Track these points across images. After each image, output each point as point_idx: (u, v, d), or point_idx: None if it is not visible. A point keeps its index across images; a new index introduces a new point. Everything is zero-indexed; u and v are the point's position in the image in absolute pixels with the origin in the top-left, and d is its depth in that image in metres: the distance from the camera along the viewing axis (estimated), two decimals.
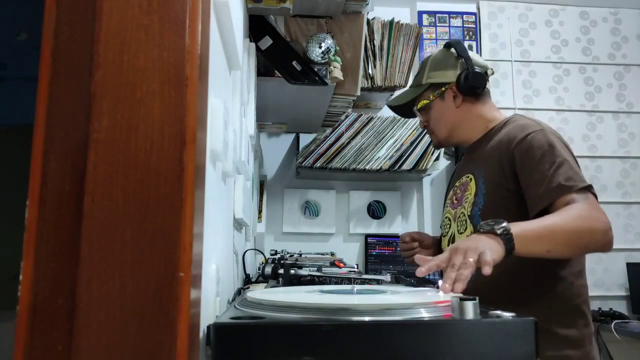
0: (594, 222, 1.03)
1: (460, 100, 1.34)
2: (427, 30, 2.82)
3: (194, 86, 0.52)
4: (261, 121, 2.18)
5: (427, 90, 1.38)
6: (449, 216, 1.39)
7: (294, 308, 0.60)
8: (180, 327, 0.48)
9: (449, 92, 1.35)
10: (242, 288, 1.12)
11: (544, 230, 1.00)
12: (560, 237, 1.01)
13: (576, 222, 1.03)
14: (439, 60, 1.39)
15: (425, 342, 0.54)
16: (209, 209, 0.65)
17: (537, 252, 1.00)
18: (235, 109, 1.03)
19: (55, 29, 0.53)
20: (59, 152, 0.51)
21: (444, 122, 1.37)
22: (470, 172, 1.31)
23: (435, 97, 1.36)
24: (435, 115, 1.38)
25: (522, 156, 1.16)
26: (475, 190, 1.25)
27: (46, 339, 0.48)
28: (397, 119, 2.42)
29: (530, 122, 1.23)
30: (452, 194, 1.40)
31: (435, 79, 1.37)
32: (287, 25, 1.59)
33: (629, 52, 2.92)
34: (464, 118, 1.36)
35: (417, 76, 1.44)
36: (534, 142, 1.15)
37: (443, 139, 1.40)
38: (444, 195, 1.51)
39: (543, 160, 1.12)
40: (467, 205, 1.27)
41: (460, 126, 1.36)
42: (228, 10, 0.76)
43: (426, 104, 1.38)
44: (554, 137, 1.18)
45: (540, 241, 0.99)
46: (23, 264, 0.49)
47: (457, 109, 1.35)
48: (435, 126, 1.39)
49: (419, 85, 1.41)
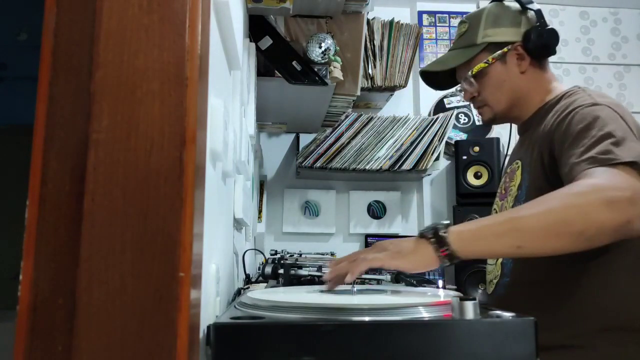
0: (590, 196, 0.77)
1: (526, 64, 1.12)
2: (427, 30, 2.82)
3: (194, 86, 0.52)
4: (261, 121, 2.18)
5: (482, 51, 1.13)
6: (496, 208, 1.19)
7: (293, 308, 0.60)
8: (180, 327, 0.48)
9: (512, 53, 1.12)
10: (242, 288, 1.12)
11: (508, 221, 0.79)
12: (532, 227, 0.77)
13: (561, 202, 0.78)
14: (498, 14, 1.14)
15: (425, 342, 0.54)
16: (209, 209, 0.65)
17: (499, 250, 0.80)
18: (235, 109, 1.03)
19: (55, 29, 0.53)
20: (59, 152, 0.51)
21: (506, 90, 1.13)
22: (520, 157, 1.11)
23: (494, 59, 1.12)
24: (494, 82, 1.13)
25: (561, 136, 0.95)
26: (520, 181, 1.06)
27: (46, 339, 0.48)
28: (397, 118, 2.42)
29: (585, 96, 1.01)
30: (503, 181, 1.19)
31: (496, 37, 1.12)
32: (287, 25, 1.59)
33: (629, 52, 2.92)
34: (527, 87, 1.12)
35: (465, 35, 1.18)
36: (575, 117, 0.94)
37: (500, 111, 1.15)
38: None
39: (581, 136, 0.90)
40: (510, 199, 1.08)
41: (521, 97, 1.13)
42: (228, 10, 0.76)
43: (483, 68, 1.12)
44: (607, 110, 0.93)
45: (502, 235, 0.78)
46: (23, 264, 0.49)
47: (522, 74, 1.12)
48: (491, 96, 1.14)
49: (471, 45, 1.15)
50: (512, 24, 1.13)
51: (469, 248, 0.77)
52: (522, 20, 1.13)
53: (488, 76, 1.13)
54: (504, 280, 1.07)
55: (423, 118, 2.45)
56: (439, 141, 2.36)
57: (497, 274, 1.10)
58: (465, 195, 2.43)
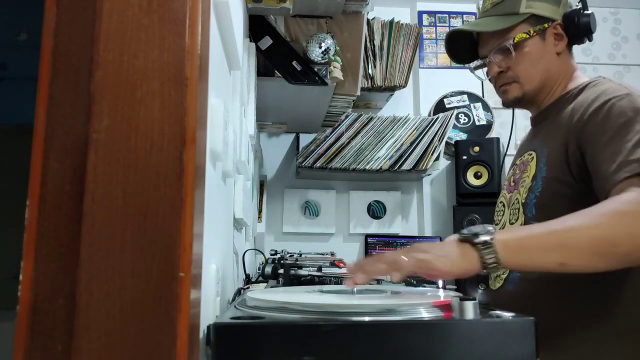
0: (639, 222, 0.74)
1: (563, 45, 1.07)
2: (427, 30, 2.82)
3: (194, 86, 0.52)
4: (261, 121, 2.18)
5: (523, 22, 1.06)
6: (503, 201, 1.13)
7: (293, 308, 0.60)
8: (180, 327, 0.48)
9: (551, 31, 1.06)
10: (242, 288, 1.12)
11: (554, 235, 0.76)
12: (579, 245, 0.74)
13: (608, 220, 0.75)
14: None
15: (425, 342, 0.54)
16: (209, 209, 0.65)
17: (542, 265, 0.76)
18: (235, 109, 1.03)
19: (55, 29, 0.53)
20: (59, 152, 0.51)
21: (541, 68, 1.06)
22: (533, 148, 1.05)
23: (536, 32, 1.05)
24: (531, 57, 1.06)
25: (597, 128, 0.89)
26: (535, 172, 1.00)
27: (46, 339, 0.48)
28: (397, 118, 2.42)
29: (615, 86, 0.96)
30: (511, 173, 1.13)
31: (539, 10, 1.06)
32: (287, 25, 1.59)
33: (629, 52, 2.92)
34: (559, 69, 1.08)
35: (503, 2, 1.08)
36: (614, 108, 0.89)
37: (530, 90, 1.08)
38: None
39: (624, 130, 0.85)
40: (522, 190, 1.02)
41: (552, 79, 1.07)
42: (228, 10, 0.76)
43: (524, 39, 1.05)
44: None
45: (547, 250, 0.75)
46: (23, 264, 0.49)
47: (557, 55, 1.07)
48: (525, 72, 1.07)
49: (511, 13, 1.06)
50: (553, 1, 1.08)
51: (514, 259, 0.75)
52: (562, 1, 1.09)
53: (526, 50, 1.06)
54: (514, 276, 1.03)
55: (423, 118, 2.45)
56: (439, 141, 2.36)
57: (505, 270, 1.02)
58: (465, 195, 2.43)
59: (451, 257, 0.73)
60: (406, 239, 2.59)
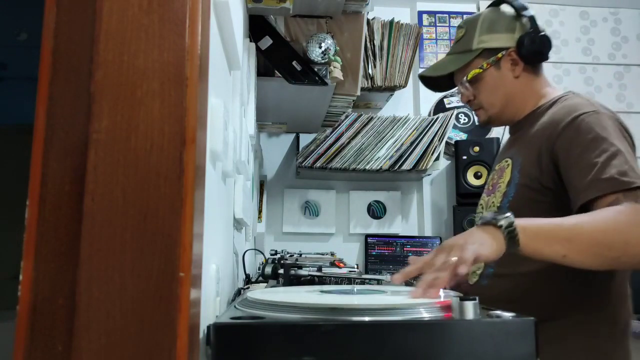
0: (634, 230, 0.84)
1: (520, 69, 1.15)
2: (427, 30, 2.82)
3: (194, 86, 0.52)
4: (261, 121, 2.18)
5: (478, 57, 1.16)
6: (482, 203, 1.23)
7: (294, 308, 0.60)
8: (180, 327, 0.48)
9: (506, 59, 1.15)
10: (242, 288, 1.12)
11: (563, 230, 0.85)
12: (582, 242, 0.84)
13: (608, 227, 0.85)
14: (493, 20, 1.17)
15: (425, 342, 0.54)
16: (209, 209, 0.65)
17: (548, 254, 0.84)
18: (235, 109, 1.03)
19: (55, 29, 0.53)
20: (59, 152, 0.51)
21: (500, 94, 1.16)
22: (510, 156, 1.14)
23: (489, 65, 1.15)
24: (488, 86, 1.17)
25: (568, 143, 0.98)
26: (510, 178, 1.09)
27: (46, 339, 0.48)
28: (397, 118, 2.42)
29: (584, 101, 1.04)
30: (490, 177, 1.23)
31: (490, 43, 1.15)
32: (287, 25, 1.59)
33: (629, 52, 2.92)
34: (521, 91, 1.16)
35: (461, 40, 1.21)
36: (582, 125, 0.97)
37: (494, 114, 1.19)
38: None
39: (592, 147, 0.94)
40: (498, 195, 1.12)
41: (515, 100, 1.17)
42: (228, 10, 0.76)
43: (478, 73, 1.16)
44: (611, 121, 0.99)
45: (555, 242, 0.84)
46: (23, 264, 0.49)
47: (515, 79, 1.15)
48: (487, 99, 1.18)
49: (466, 51, 1.18)
50: (506, 30, 1.16)
51: (529, 243, 0.83)
52: (517, 26, 1.16)
53: (483, 81, 1.17)
54: (488, 271, 1.11)
55: (423, 118, 2.45)
56: (439, 141, 2.36)
57: (480, 265, 1.14)
58: (465, 195, 2.43)
59: (487, 242, 0.80)
60: (406, 239, 2.59)
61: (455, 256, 0.76)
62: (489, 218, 0.83)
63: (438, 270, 0.75)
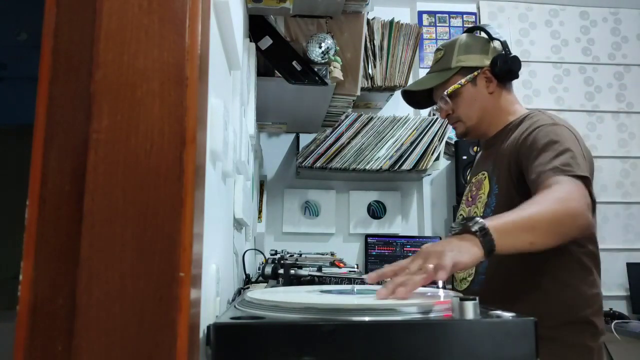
0: (573, 203, 0.95)
1: (494, 86, 1.28)
2: (427, 30, 2.82)
3: (194, 86, 0.52)
4: (261, 121, 2.18)
5: (456, 74, 1.29)
6: (462, 214, 1.32)
7: (293, 308, 0.60)
8: (180, 327, 0.48)
9: (481, 76, 1.28)
10: (242, 288, 1.12)
11: (524, 221, 0.92)
12: (542, 228, 0.93)
13: (556, 207, 0.95)
14: (469, 43, 1.31)
15: (425, 342, 0.54)
16: (209, 209, 0.65)
17: (519, 245, 0.91)
18: (235, 109, 1.03)
19: (55, 29, 0.53)
20: (59, 152, 0.51)
21: (476, 108, 1.29)
22: (485, 169, 1.27)
23: (466, 81, 1.28)
24: (466, 101, 1.29)
25: (527, 149, 1.11)
26: (489, 189, 1.21)
27: (46, 339, 0.48)
28: (397, 118, 2.42)
29: (546, 117, 1.19)
30: (468, 190, 1.34)
31: (467, 62, 1.29)
32: (287, 25, 1.59)
33: (629, 52, 2.92)
34: (494, 105, 1.29)
35: (440, 60, 1.34)
36: (540, 133, 1.11)
37: (472, 126, 1.31)
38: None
39: (546, 148, 1.07)
40: (480, 205, 1.23)
41: (489, 114, 1.30)
42: (228, 10, 0.76)
43: (457, 89, 1.28)
44: (566, 131, 1.12)
45: (522, 233, 0.90)
46: (23, 264, 0.49)
47: (490, 95, 1.29)
48: (464, 113, 1.30)
49: (445, 69, 1.31)
50: (481, 52, 1.30)
51: (502, 241, 0.86)
52: (490, 48, 1.30)
53: (461, 96, 1.30)
54: (480, 278, 1.19)
55: (423, 118, 2.45)
56: (439, 141, 2.36)
57: (470, 272, 1.23)
58: None
59: (465, 250, 0.82)
60: (406, 239, 2.59)
61: (432, 263, 0.76)
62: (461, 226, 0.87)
63: (412, 274, 0.74)
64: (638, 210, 2.78)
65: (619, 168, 2.81)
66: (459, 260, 0.78)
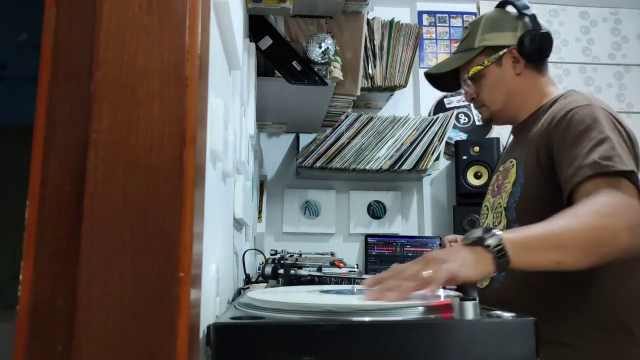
0: (617, 221, 0.83)
1: (521, 67, 1.17)
2: (427, 30, 2.82)
3: (194, 86, 0.52)
4: (261, 121, 2.18)
5: (480, 54, 1.19)
6: (487, 205, 1.21)
7: (293, 308, 0.60)
8: (180, 327, 0.48)
9: (507, 56, 1.17)
10: (242, 288, 1.12)
11: (552, 238, 0.81)
12: (574, 246, 0.82)
13: (594, 224, 0.83)
14: (495, 20, 1.20)
15: (425, 342, 0.54)
16: (209, 209, 0.65)
17: (542, 264, 0.81)
18: (235, 109, 1.03)
19: (55, 29, 0.53)
20: (59, 152, 0.51)
21: (501, 91, 1.18)
22: (514, 156, 1.15)
23: (490, 62, 1.17)
24: (490, 83, 1.19)
25: (561, 136, 0.98)
26: (515, 178, 1.09)
27: (46, 339, 0.48)
28: (397, 118, 2.42)
29: (581, 97, 1.05)
30: (494, 179, 1.22)
31: (492, 41, 1.18)
32: (287, 25, 1.59)
33: (629, 52, 2.92)
34: (523, 88, 1.17)
35: (465, 40, 1.24)
36: (575, 117, 0.98)
37: (496, 111, 1.20)
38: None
39: (582, 137, 0.94)
40: (504, 195, 1.11)
41: (517, 97, 1.18)
42: (228, 10, 0.76)
43: (479, 70, 1.18)
44: (603, 112, 0.98)
45: (546, 251, 0.81)
46: (23, 264, 0.49)
47: (517, 76, 1.17)
48: (488, 96, 1.20)
49: (469, 49, 1.21)
50: (509, 29, 1.18)
51: (521, 258, 0.78)
52: (519, 25, 1.18)
53: (485, 78, 1.19)
54: (499, 276, 1.10)
55: (423, 118, 2.45)
56: (439, 141, 2.36)
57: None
58: (465, 195, 2.43)
59: (470, 263, 0.74)
60: (406, 239, 2.59)
61: (428, 271, 0.70)
62: (476, 237, 0.77)
63: (404, 279, 0.70)
64: None
65: None
66: (457, 274, 0.71)
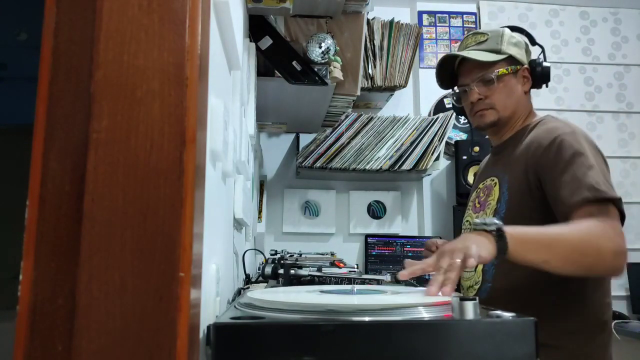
0: (605, 242, 0.95)
1: (527, 86, 1.28)
2: (427, 30, 2.82)
3: (194, 86, 0.52)
4: (261, 121, 2.18)
5: (503, 60, 1.25)
6: (469, 220, 1.30)
7: (293, 308, 0.60)
8: (180, 327, 0.48)
9: (521, 73, 1.27)
10: (242, 288, 1.12)
11: (544, 238, 0.94)
12: (561, 250, 0.94)
13: (583, 237, 0.95)
14: (515, 38, 1.29)
15: (426, 342, 0.54)
16: (209, 209, 0.65)
17: (532, 259, 0.93)
18: (235, 109, 1.03)
19: (55, 29, 0.53)
20: (59, 152, 0.51)
21: (514, 100, 1.25)
22: (495, 174, 1.24)
23: (511, 71, 1.25)
24: (507, 90, 1.25)
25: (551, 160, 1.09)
26: (499, 196, 1.19)
27: (46, 339, 0.48)
28: (397, 118, 2.42)
29: (561, 124, 1.17)
30: (475, 195, 1.31)
31: (515, 53, 1.26)
32: (287, 25, 1.59)
33: (629, 52, 2.92)
34: (523, 105, 1.28)
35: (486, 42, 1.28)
36: (564, 143, 1.09)
37: (505, 117, 1.26)
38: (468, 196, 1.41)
39: (574, 162, 1.05)
40: (489, 212, 1.21)
41: (519, 111, 1.27)
42: (228, 10, 0.76)
43: (505, 73, 1.24)
44: (585, 141, 1.11)
45: (538, 249, 0.93)
46: (23, 264, 0.49)
47: (523, 94, 1.28)
48: (502, 101, 1.24)
49: (496, 51, 1.26)
50: (523, 48, 1.29)
51: (516, 249, 0.90)
52: (529, 52, 1.31)
53: (504, 83, 1.25)
54: (486, 286, 1.19)
55: (423, 118, 2.45)
56: (439, 141, 2.36)
57: (477, 280, 1.22)
58: (465, 195, 2.42)
59: (483, 244, 0.87)
60: (406, 239, 2.59)
61: (458, 258, 0.81)
62: (479, 223, 0.91)
63: (446, 272, 0.80)
64: (638, 210, 2.78)
65: (619, 168, 2.81)
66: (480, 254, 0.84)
